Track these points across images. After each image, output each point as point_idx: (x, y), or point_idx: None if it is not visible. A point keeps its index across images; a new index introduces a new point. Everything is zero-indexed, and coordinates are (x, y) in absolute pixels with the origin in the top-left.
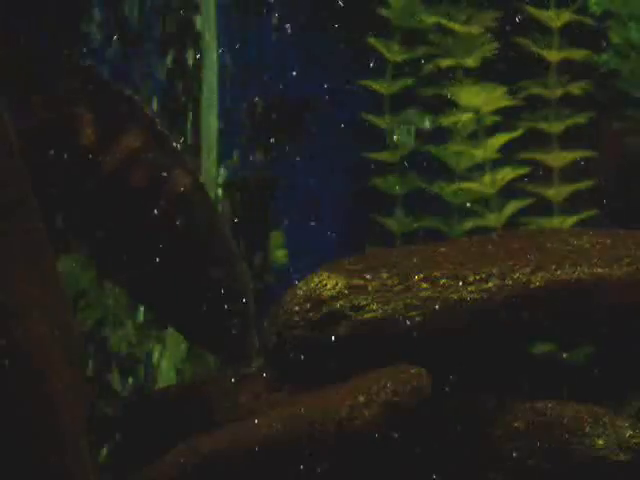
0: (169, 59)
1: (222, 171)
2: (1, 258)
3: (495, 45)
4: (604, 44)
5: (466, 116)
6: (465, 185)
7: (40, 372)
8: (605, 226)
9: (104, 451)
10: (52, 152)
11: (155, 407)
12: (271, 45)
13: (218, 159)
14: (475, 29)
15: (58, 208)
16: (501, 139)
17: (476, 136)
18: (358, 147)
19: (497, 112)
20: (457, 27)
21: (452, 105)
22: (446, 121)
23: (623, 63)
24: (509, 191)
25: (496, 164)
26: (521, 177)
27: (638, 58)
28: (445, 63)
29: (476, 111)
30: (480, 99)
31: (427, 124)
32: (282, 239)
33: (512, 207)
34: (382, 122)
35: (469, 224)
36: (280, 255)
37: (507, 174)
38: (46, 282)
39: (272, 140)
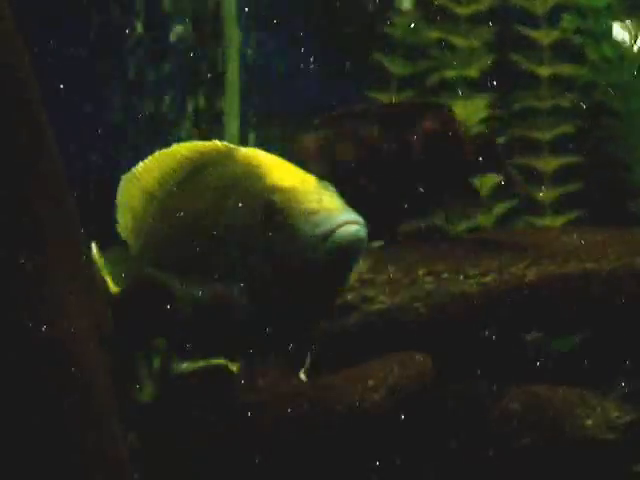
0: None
1: None
2: (49, 265)
3: (491, 57)
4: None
5: None
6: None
7: (78, 358)
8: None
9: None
10: None
11: (180, 392)
12: (288, 60)
13: None
14: (474, 42)
15: None
16: None
17: None
18: None
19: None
20: (458, 41)
21: None
22: None
23: (599, 76)
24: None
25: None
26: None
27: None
28: (449, 74)
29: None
30: (466, 112)
31: None
32: None
33: (500, 208)
34: None
35: (465, 224)
36: None
37: (490, 179)
38: (83, 281)
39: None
